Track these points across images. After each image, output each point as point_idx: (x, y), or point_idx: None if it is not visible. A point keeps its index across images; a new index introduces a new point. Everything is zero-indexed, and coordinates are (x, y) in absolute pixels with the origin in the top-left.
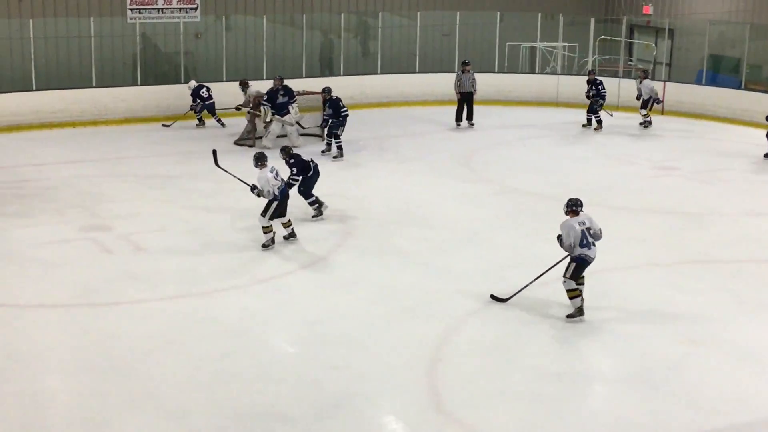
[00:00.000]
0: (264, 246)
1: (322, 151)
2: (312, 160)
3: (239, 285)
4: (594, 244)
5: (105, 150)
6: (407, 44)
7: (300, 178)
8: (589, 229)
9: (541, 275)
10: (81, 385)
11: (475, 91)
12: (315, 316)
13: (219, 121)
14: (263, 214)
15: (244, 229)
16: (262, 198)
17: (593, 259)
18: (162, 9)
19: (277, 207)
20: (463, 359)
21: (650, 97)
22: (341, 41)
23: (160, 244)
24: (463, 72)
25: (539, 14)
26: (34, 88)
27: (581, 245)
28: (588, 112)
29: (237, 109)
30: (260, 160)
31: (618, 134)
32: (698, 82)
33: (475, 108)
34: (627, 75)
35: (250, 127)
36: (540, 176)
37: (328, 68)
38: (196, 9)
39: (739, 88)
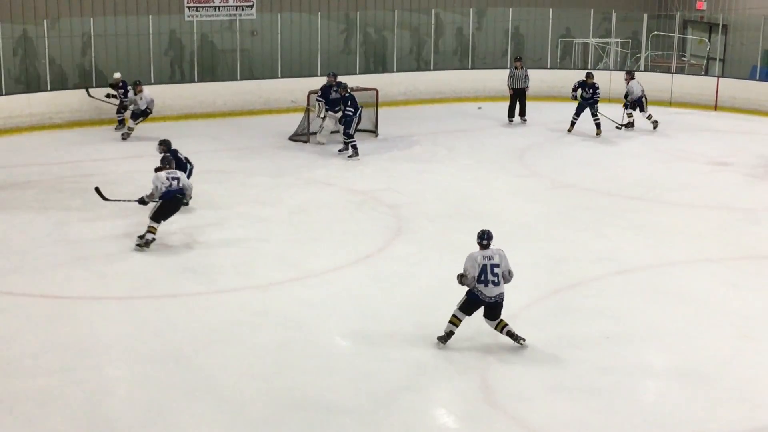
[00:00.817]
0: (138, 246)
1: (339, 150)
2: (186, 159)
3: (295, 278)
4: (497, 283)
5: None
6: (460, 40)
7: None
8: (495, 265)
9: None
10: (141, 375)
11: (527, 87)
12: (369, 309)
13: (121, 122)
14: (150, 208)
15: (300, 223)
16: (152, 204)
17: (489, 299)
18: (219, 6)
19: (161, 207)
20: (515, 353)
21: (643, 95)
22: (395, 38)
23: (218, 238)
24: (515, 68)
25: (592, 10)
26: (94, 84)
27: (478, 281)
28: (575, 114)
29: (111, 96)
30: (162, 162)
31: (670, 130)
32: (752, 77)
33: (528, 104)
34: (680, 71)
35: (305, 123)
36: (593, 172)
37: (381, 65)
38: (252, 6)
39: None
